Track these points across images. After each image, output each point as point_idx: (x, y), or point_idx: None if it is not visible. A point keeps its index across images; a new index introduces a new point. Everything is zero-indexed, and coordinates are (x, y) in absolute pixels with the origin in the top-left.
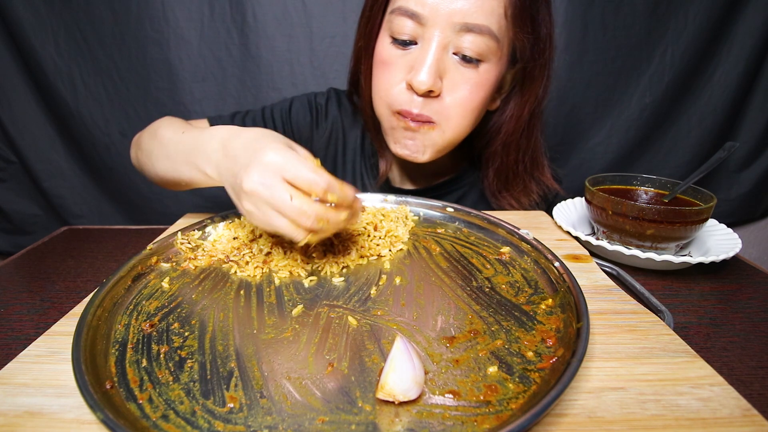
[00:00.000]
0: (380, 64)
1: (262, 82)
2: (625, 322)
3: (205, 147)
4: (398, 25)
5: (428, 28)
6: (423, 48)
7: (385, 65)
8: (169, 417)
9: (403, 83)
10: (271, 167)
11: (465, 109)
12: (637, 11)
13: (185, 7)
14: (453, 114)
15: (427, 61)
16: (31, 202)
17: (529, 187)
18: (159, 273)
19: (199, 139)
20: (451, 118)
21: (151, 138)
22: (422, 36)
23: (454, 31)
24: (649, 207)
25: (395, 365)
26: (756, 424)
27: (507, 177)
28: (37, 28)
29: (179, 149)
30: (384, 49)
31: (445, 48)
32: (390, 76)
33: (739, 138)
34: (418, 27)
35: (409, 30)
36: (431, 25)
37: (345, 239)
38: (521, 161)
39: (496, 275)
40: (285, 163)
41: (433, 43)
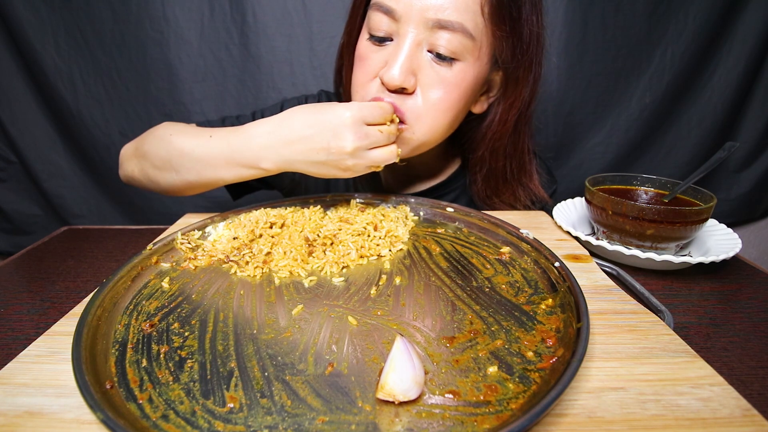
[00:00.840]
0: (357, 60)
1: (262, 82)
2: (625, 322)
3: (251, 145)
4: (374, 21)
5: (402, 24)
6: (397, 44)
7: (360, 61)
8: (169, 417)
9: (376, 79)
10: (353, 122)
11: (438, 109)
12: (637, 11)
13: (185, 7)
14: (424, 113)
15: (400, 57)
16: (31, 202)
17: (518, 193)
18: (159, 273)
19: (236, 140)
20: (421, 118)
21: (162, 147)
22: (397, 32)
23: (427, 27)
24: (649, 207)
25: (395, 365)
26: (756, 424)
27: (496, 183)
28: (37, 28)
29: (214, 154)
30: (362, 45)
31: (419, 45)
32: (365, 72)
33: (739, 138)
34: (393, 23)
35: (385, 26)
36: (405, 21)
37: (345, 239)
38: (509, 168)
39: (496, 275)
40: (358, 113)
41: (407, 40)
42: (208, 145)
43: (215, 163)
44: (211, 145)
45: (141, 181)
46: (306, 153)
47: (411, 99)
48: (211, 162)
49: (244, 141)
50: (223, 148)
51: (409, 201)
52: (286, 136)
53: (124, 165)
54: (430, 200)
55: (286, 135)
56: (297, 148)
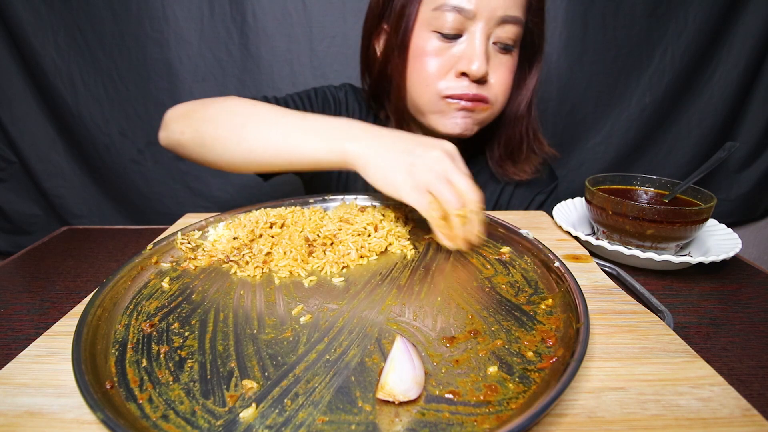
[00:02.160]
0: (425, 56)
1: (262, 82)
2: (625, 322)
3: (345, 127)
4: (446, 20)
5: (475, 22)
6: (471, 40)
7: (431, 57)
8: (169, 417)
9: (452, 72)
10: (448, 154)
11: (506, 90)
12: (637, 11)
13: (185, 7)
14: (499, 94)
15: (479, 51)
16: (31, 202)
17: (531, 157)
18: (159, 273)
19: (327, 120)
20: (498, 98)
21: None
22: (468, 29)
23: (495, 23)
24: (649, 207)
25: (395, 365)
26: (756, 424)
27: (512, 149)
28: (37, 28)
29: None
30: (427, 42)
31: (488, 38)
32: (438, 67)
33: (739, 138)
34: (465, 21)
35: (458, 24)
36: (478, 18)
37: (345, 239)
38: (525, 135)
39: (496, 275)
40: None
41: (481, 35)
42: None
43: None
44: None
45: (188, 145)
46: (383, 149)
47: (487, 85)
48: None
49: (338, 123)
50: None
51: None
52: (380, 137)
53: (171, 126)
54: None
55: (383, 136)
56: (384, 142)
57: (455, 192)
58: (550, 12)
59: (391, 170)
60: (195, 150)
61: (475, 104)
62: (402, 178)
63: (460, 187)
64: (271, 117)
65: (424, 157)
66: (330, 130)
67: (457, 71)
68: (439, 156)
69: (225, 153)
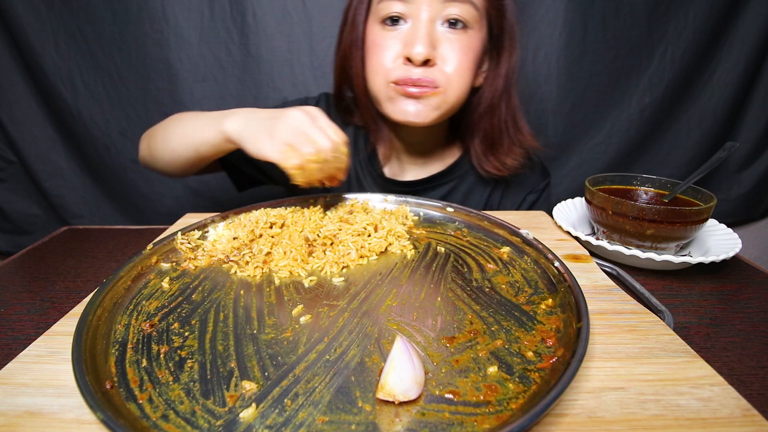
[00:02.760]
0: (373, 47)
1: (262, 82)
2: (625, 322)
3: (231, 112)
4: (386, 7)
5: (416, 5)
6: (413, 23)
7: (377, 47)
8: (169, 417)
9: (399, 59)
10: (307, 113)
11: (461, 72)
12: (637, 11)
13: (185, 7)
14: (452, 77)
15: (420, 32)
16: (31, 202)
17: (513, 150)
18: (159, 273)
19: (225, 111)
20: (451, 82)
21: (171, 121)
22: (410, 14)
23: (439, 2)
24: (649, 207)
25: (395, 365)
26: (756, 424)
27: (492, 141)
28: (37, 28)
29: (202, 118)
30: (375, 33)
31: (433, 20)
32: (384, 55)
33: (739, 138)
34: (406, 5)
35: (398, 9)
36: (418, 1)
37: (345, 239)
38: (504, 125)
39: (496, 275)
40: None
41: (422, 17)
42: (204, 113)
43: (199, 123)
44: (206, 113)
45: (148, 160)
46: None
47: (436, 69)
48: (196, 122)
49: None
50: (213, 114)
51: (409, 201)
52: (259, 111)
53: (139, 147)
54: (430, 200)
55: (261, 110)
56: (259, 116)
57: (310, 141)
58: (550, 13)
59: (257, 134)
60: (151, 162)
61: (422, 90)
62: (265, 138)
63: (315, 138)
64: (186, 120)
65: (284, 117)
66: (218, 116)
67: (402, 57)
68: (296, 115)
69: (163, 157)
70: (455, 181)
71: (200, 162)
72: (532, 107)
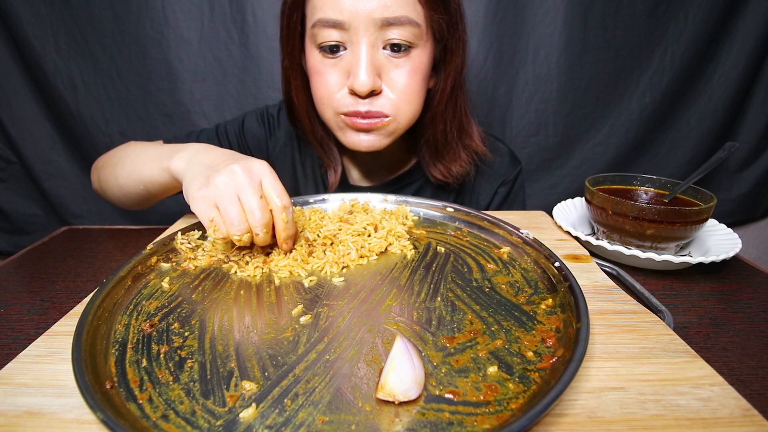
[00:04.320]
0: (316, 75)
1: (262, 82)
2: (625, 322)
3: (180, 148)
4: (323, 37)
5: (353, 32)
6: (354, 52)
7: (320, 75)
8: (169, 417)
9: (344, 89)
10: (247, 170)
11: (409, 97)
12: (637, 11)
13: (185, 7)
14: (401, 104)
15: (362, 63)
16: (31, 202)
17: (460, 156)
18: (159, 273)
19: (176, 146)
20: (400, 108)
21: (120, 152)
22: (349, 40)
23: (377, 28)
24: (649, 207)
25: (395, 365)
26: (756, 424)
27: (437, 147)
28: (37, 28)
29: (151, 153)
30: (315, 61)
31: (374, 46)
32: (328, 84)
33: (739, 138)
34: (343, 33)
35: (336, 37)
36: (355, 28)
37: (345, 239)
38: (449, 130)
39: (496, 275)
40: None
41: (362, 45)
42: (153, 147)
43: (146, 159)
44: (156, 147)
45: (99, 192)
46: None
47: (383, 97)
48: (145, 158)
49: (179, 147)
50: (162, 149)
51: (409, 201)
52: (208, 150)
53: (92, 176)
54: (430, 200)
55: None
56: (203, 157)
57: (241, 211)
58: (550, 13)
59: (191, 183)
60: (103, 195)
61: (371, 123)
62: (196, 190)
63: (248, 207)
64: (134, 153)
65: (222, 171)
66: (166, 153)
67: (348, 88)
68: (235, 171)
69: (113, 192)
70: (420, 181)
71: (151, 198)
72: (532, 107)
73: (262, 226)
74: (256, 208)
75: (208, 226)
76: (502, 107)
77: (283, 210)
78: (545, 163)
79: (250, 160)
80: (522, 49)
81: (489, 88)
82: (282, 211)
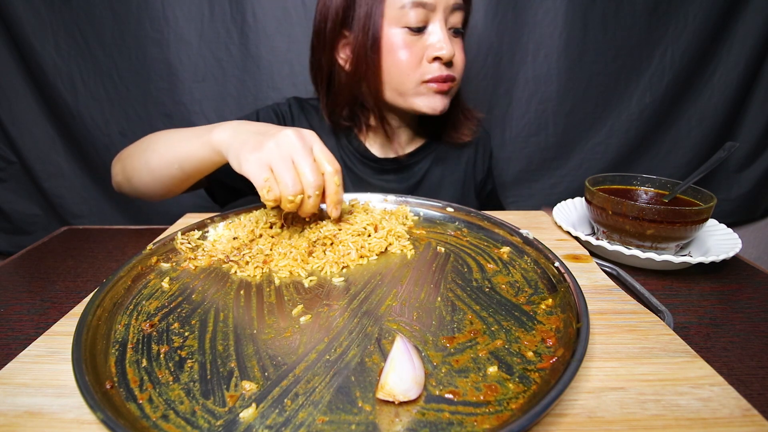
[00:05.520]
0: (398, 50)
1: (262, 82)
2: (625, 322)
3: (216, 125)
4: (412, 16)
5: (435, 13)
6: (435, 29)
7: (404, 49)
8: (169, 417)
9: (424, 59)
10: (300, 136)
11: (463, 67)
12: (637, 11)
13: (185, 7)
14: (460, 70)
15: (446, 37)
16: (31, 202)
17: (468, 125)
18: (159, 273)
19: (208, 126)
20: (460, 74)
21: (150, 138)
22: (431, 20)
23: (449, 11)
24: (649, 207)
25: (395, 365)
26: (756, 424)
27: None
28: (37, 28)
29: (185, 134)
30: (399, 38)
31: (446, 25)
32: (413, 57)
33: (739, 138)
34: (428, 13)
35: (422, 17)
36: (437, 10)
37: (345, 239)
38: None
39: (496, 275)
40: (318, 139)
41: (443, 23)
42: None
43: (185, 136)
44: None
45: (124, 185)
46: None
47: (453, 65)
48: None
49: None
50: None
51: (409, 201)
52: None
53: (112, 172)
54: (430, 200)
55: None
56: (247, 129)
57: (295, 173)
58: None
59: (242, 147)
60: (128, 186)
61: (449, 84)
62: (249, 153)
63: (302, 169)
64: (165, 137)
65: (275, 136)
66: (203, 130)
67: (429, 57)
68: (289, 135)
69: (141, 179)
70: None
71: (185, 180)
72: (532, 107)
73: (315, 188)
74: (309, 171)
75: (261, 186)
76: (502, 107)
77: (335, 173)
78: (545, 163)
79: (301, 129)
80: (522, 49)
81: (489, 88)
82: (334, 174)
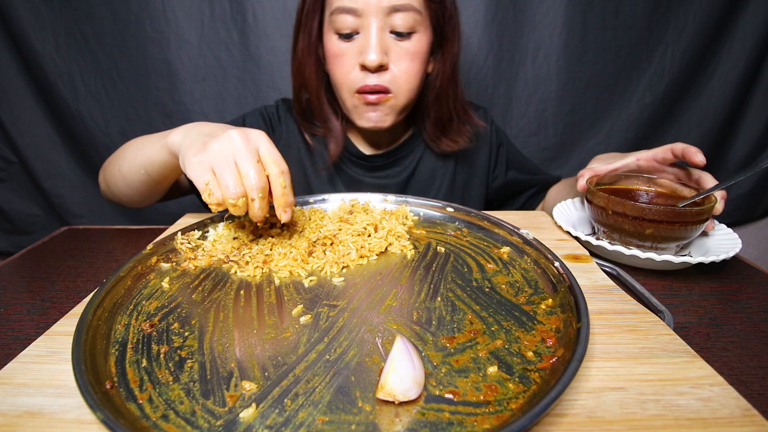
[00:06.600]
0: (334, 57)
1: (262, 82)
2: (625, 322)
3: (175, 128)
4: (341, 22)
5: (365, 18)
6: (365, 34)
7: (338, 57)
8: (169, 417)
9: (356, 67)
10: (245, 137)
11: (409, 76)
12: (637, 11)
13: (185, 7)
14: (402, 82)
15: (372, 42)
16: (31, 202)
17: (462, 129)
18: (159, 273)
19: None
20: (401, 86)
21: (123, 147)
22: (361, 25)
23: (385, 14)
24: (649, 207)
25: (395, 365)
26: (756, 424)
27: (443, 124)
28: (37, 28)
29: (150, 138)
30: (333, 44)
31: (383, 29)
32: (345, 65)
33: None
34: (357, 19)
35: (351, 23)
36: (367, 14)
37: (345, 239)
38: (453, 109)
39: (496, 275)
40: (265, 140)
41: (372, 28)
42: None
43: (147, 143)
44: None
45: (107, 193)
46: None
47: (388, 73)
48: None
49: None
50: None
51: (409, 201)
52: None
53: (99, 180)
54: (430, 200)
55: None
56: (198, 129)
57: (237, 175)
58: (550, 13)
59: (188, 150)
60: (110, 194)
61: (378, 97)
62: (192, 155)
63: (244, 170)
64: (134, 144)
65: (219, 137)
66: (164, 134)
67: (358, 64)
68: (232, 136)
69: (118, 187)
70: (421, 148)
71: (155, 186)
72: (532, 107)
73: (257, 190)
74: (252, 171)
75: (203, 190)
76: (502, 107)
77: (280, 175)
78: (545, 163)
79: (248, 129)
80: (522, 49)
81: (489, 88)
82: (279, 176)
